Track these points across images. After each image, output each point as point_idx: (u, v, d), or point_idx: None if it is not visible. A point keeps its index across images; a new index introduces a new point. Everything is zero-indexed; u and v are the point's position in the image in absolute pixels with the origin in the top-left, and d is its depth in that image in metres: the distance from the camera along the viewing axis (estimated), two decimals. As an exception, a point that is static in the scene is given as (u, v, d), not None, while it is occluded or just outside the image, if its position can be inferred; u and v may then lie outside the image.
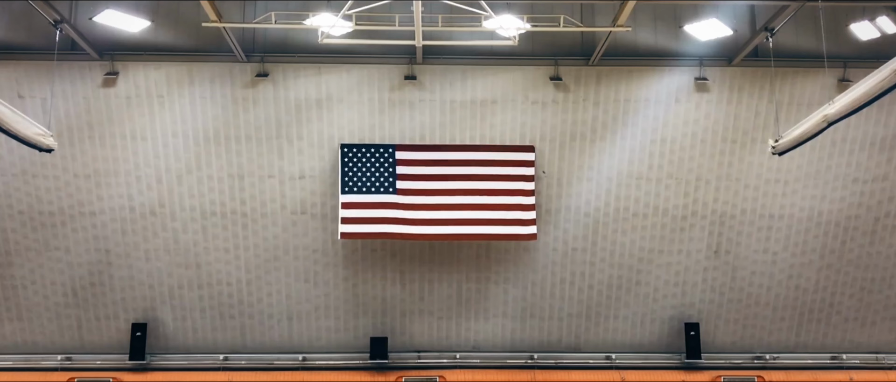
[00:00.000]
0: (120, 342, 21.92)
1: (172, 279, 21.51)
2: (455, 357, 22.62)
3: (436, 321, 22.40)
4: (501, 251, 21.64)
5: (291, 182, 20.76)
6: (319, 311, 22.04)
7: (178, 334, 22.09)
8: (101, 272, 21.34)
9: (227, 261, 21.41)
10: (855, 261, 21.86)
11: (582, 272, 21.88)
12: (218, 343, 22.23)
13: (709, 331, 22.50)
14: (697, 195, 21.15)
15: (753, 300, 22.22)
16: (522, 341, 22.68)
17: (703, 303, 22.27)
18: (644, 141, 20.63)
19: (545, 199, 21.10)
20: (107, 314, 21.80)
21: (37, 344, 21.97)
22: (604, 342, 22.67)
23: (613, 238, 21.52)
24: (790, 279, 22.02)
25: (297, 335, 22.27)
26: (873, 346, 22.89)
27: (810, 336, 22.71)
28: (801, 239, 21.61)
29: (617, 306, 22.25)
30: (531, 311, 22.29)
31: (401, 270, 21.78)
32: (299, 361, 22.35)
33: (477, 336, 22.63)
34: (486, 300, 22.17)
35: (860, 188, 21.13)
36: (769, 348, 22.80)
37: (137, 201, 20.72)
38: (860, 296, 22.27)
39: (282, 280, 21.64)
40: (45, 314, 21.67)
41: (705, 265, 21.83)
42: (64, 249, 21.05)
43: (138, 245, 21.12)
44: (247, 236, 21.17)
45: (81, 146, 20.15)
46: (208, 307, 21.83)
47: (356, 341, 22.39)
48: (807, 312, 22.42)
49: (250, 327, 22.09)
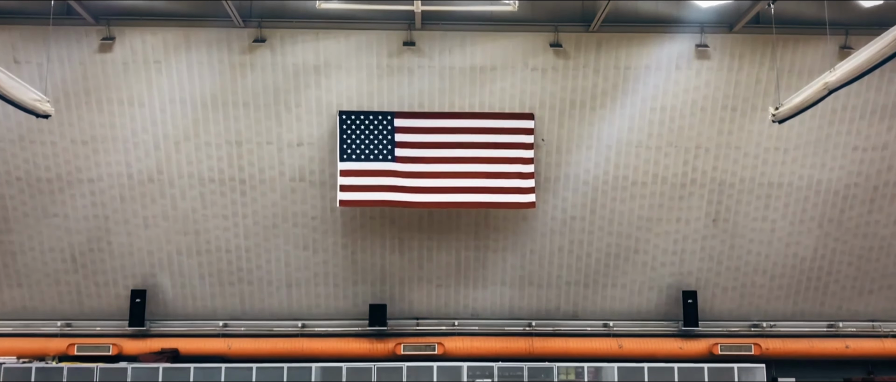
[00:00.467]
0: (119, 308, 22.00)
1: (171, 245, 21.54)
2: (453, 324, 22.73)
3: (434, 288, 22.47)
4: (500, 219, 21.65)
5: (290, 149, 20.70)
6: (318, 278, 22.09)
7: (178, 300, 22.16)
8: (99, 238, 21.35)
9: (226, 228, 21.41)
10: (853, 230, 21.89)
11: (580, 241, 21.90)
12: (217, 310, 22.32)
13: (706, 299, 22.59)
14: (697, 164, 21.11)
15: (751, 268, 22.28)
16: (520, 308, 22.78)
17: (700, 271, 22.32)
18: (644, 109, 20.55)
19: (544, 167, 21.07)
20: (106, 280, 21.85)
21: (36, 310, 22.04)
22: (601, 309, 22.76)
23: (612, 207, 21.52)
24: (788, 248, 22.06)
25: (296, 301, 22.35)
26: (870, 314, 23.00)
27: (807, 305, 22.80)
28: (799, 208, 21.61)
29: (615, 274, 22.31)
30: (529, 279, 22.36)
31: (400, 237, 21.80)
32: (298, 328, 22.45)
33: (475, 304, 22.72)
34: (484, 267, 22.21)
35: (860, 157, 21.10)
36: (766, 316, 22.91)
37: (135, 167, 20.68)
38: (858, 265, 22.32)
39: (281, 247, 21.66)
40: (45, 281, 21.72)
41: (704, 234, 21.85)
42: (62, 215, 21.04)
43: (137, 212, 21.11)
44: (245, 204, 21.16)
45: (78, 112, 20.06)
46: (207, 273, 21.87)
47: (355, 308, 22.48)
48: (804, 280, 22.49)
49: (249, 294, 22.16)
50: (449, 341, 22.25)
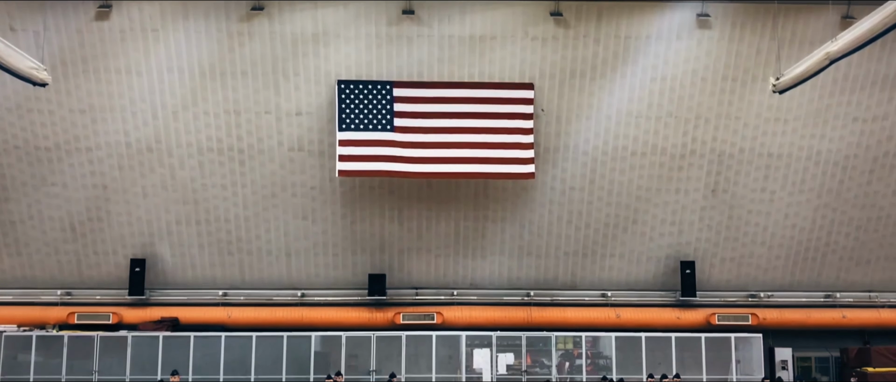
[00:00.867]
0: (119, 277, 22.05)
1: (170, 215, 21.53)
2: (452, 294, 22.81)
3: (433, 258, 22.51)
4: (499, 190, 21.64)
5: (288, 119, 20.63)
6: (318, 248, 22.12)
7: (177, 270, 22.20)
8: (98, 207, 21.33)
9: (225, 198, 21.39)
10: (852, 200, 21.90)
11: (579, 211, 21.91)
12: (217, 279, 22.37)
13: (704, 269, 22.66)
14: (696, 134, 21.06)
15: (750, 238, 22.32)
16: (519, 278, 22.84)
17: (699, 242, 22.37)
18: (644, 79, 20.46)
19: (544, 137, 21.01)
20: (105, 249, 21.87)
21: (36, 279, 22.09)
22: (599, 279, 22.83)
23: (611, 177, 21.50)
24: (787, 219, 22.09)
25: (295, 271, 22.39)
26: (867, 285, 23.08)
27: (805, 275, 22.88)
28: (799, 178, 21.60)
29: (613, 244, 22.35)
30: (528, 249, 22.40)
31: (399, 207, 21.80)
32: (298, 297, 22.53)
33: (474, 274, 22.78)
34: (483, 238, 22.24)
35: (860, 128, 21.05)
36: (764, 286, 23.00)
37: (133, 136, 20.61)
38: (856, 235, 22.36)
39: (280, 217, 21.66)
40: (44, 250, 21.74)
41: (702, 205, 21.86)
42: (61, 184, 21.01)
43: (135, 181, 21.08)
44: (244, 173, 21.13)
45: (76, 81, 19.95)
46: (207, 243, 21.90)
47: (354, 277, 22.54)
48: (802, 251, 22.54)
49: (249, 263, 22.20)
50: (448, 310, 22.34)
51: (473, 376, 21.45)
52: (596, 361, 21.83)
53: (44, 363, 20.72)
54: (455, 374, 21.41)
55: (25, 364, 20.65)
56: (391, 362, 20.96)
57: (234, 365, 20.85)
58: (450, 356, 21.52)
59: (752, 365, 21.59)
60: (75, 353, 20.75)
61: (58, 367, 20.64)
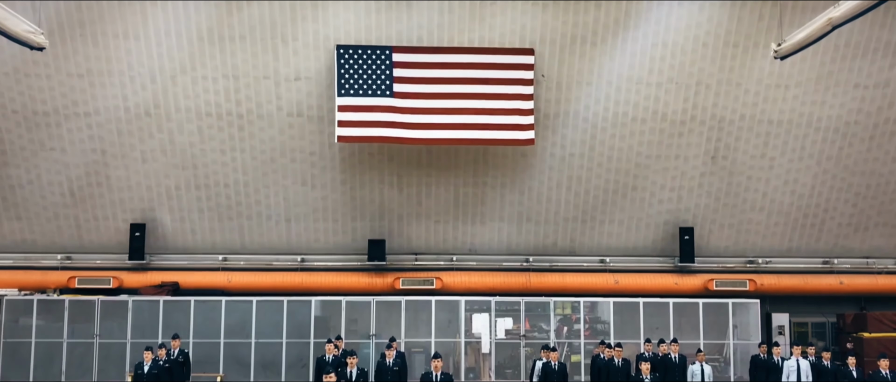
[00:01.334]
0: (119, 242, 22.12)
1: (170, 180, 21.53)
2: (452, 259, 22.90)
3: (433, 224, 22.57)
4: (499, 156, 21.63)
5: (287, 84, 20.54)
6: (317, 213, 22.16)
7: (177, 234, 22.26)
8: (97, 172, 21.33)
9: (224, 163, 21.38)
10: (851, 167, 21.91)
11: (579, 177, 21.92)
12: (217, 244, 22.44)
13: (703, 236, 22.74)
14: (697, 100, 21.00)
15: (748, 205, 22.37)
16: (518, 244, 22.92)
17: (698, 208, 22.42)
18: (645, 45, 20.34)
19: (544, 103, 20.95)
20: (105, 214, 21.91)
21: (36, 243, 22.16)
22: (598, 245, 22.92)
23: (611, 143, 21.48)
24: (786, 185, 22.12)
25: (295, 236, 22.46)
26: (865, 251, 23.19)
27: (803, 241, 22.97)
28: (798, 145, 21.59)
29: (612, 210, 22.40)
30: (527, 215, 22.45)
31: (398, 173, 21.80)
32: (298, 262, 22.62)
33: (473, 240, 22.86)
34: (482, 204, 22.28)
35: (861, 94, 20.99)
36: (762, 252, 23.10)
37: (132, 101, 20.54)
38: (855, 202, 22.41)
39: (279, 183, 21.68)
40: (44, 214, 21.78)
41: (702, 171, 21.87)
42: (59, 149, 20.98)
43: (134, 146, 21.05)
44: (243, 139, 21.09)
45: (73, 45, 19.82)
46: (206, 208, 21.93)
47: (354, 243, 22.61)
48: (801, 217, 22.60)
49: (249, 228, 22.26)
50: (447, 276, 22.45)
51: (472, 340, 21.64)
52: (594, 326, 22.01)
53: (45, 326, 20.87)
54: (454, 338, 21.59)
55: (27, 328, 20.80)
56: (391, 326, 21.12)
57: (234, 329, 21.01)
58: (449, 320, 21.69)
59: (749, 330, 21.77)
60: (76, 317, 20.89)
61: (59, 331, 20.80)
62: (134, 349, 20.41)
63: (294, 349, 21.11)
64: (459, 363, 21.34)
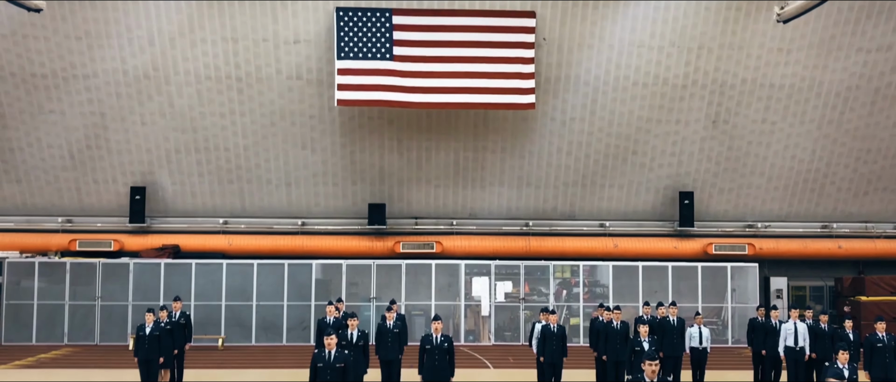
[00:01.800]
0: (119, 205, 22.15)
1: (169, 143, 21.49)
2: (452, 223, 22.95)
3: (433, 188, 22.58)
4: (499, 120, 21.56)
5: (286, 46, 20.40)
6: (317, 177, 22.16)
7: (177, 198, 22.28)
8: (97, 135, 21.28)
9: (224, 126, 21.32)
10: (852, 132, 21.86)
11: (579, 142, 21.88)
12: (217, 207, 22.47)
13: (703, 200, 22.76)
14: (698, 64, 20.89)
15: (748, 169, 22.36)
16: (518, 209, 22.96)
17: (698, 172, 22.41)
18: (647, 8, 20.17)
19: (545, 67, 20.84)
20: (105, 177, 21.91)
21: (37, 206, 22.19)
22: (598, 210, 22.96)
23: (612, 108, 21.40)
24: (786, 150, 22.09)
25: (295, 200, 22.48)
26: (864, 216, 23.24)
27: (803, 206, 23.00)
28: (799, 109, 21.52)
29: (613, 175, 22.40)
30: (527, 180, 22.45)
31: (398, 138, 21.75)
32: (298, 226, 22.67)
33: (473, 204, 22.89)
34: (483, 168, 22.26)
35: (863, 58, 20.87)
36: (761, 217, 23.14)
37: (130, 63, 20.42)
38: (855, 166, 22.40)
39: (279, 146, 21.64)
40: (44, 177, 21.77)
41: (703, 135, 21.82)
42: (59, 112, 20.91)
43: (133, 109, 20.98)
44: (243, 102, 21.00)
45: (71, 7, 19.64)
46: (206, 171, 21.92)
47: (354, 207, 22.65)
48: (801, 182, 22.61)
49: (249, 192, 22.27)
50: (447, 240, 22.51)
51: (472, 303, 21.77)
52: (593, 289, 22.14)
53: (47, 288, 20.99)
54: (454, 301, 21.72)
55: (29, 290, 20.92)
56: (391, 290, 21.24)
57: (235, 292, 21.14)
58: (449, 284, 21.81)
59: (747, 294, 21.91)
60: (78, 279, 21.00)
61: (61, 293, 20.91)
62: (135, 311, 20.55)
63: (295, 311, 21.26)
64: (459, 325, 21.49)
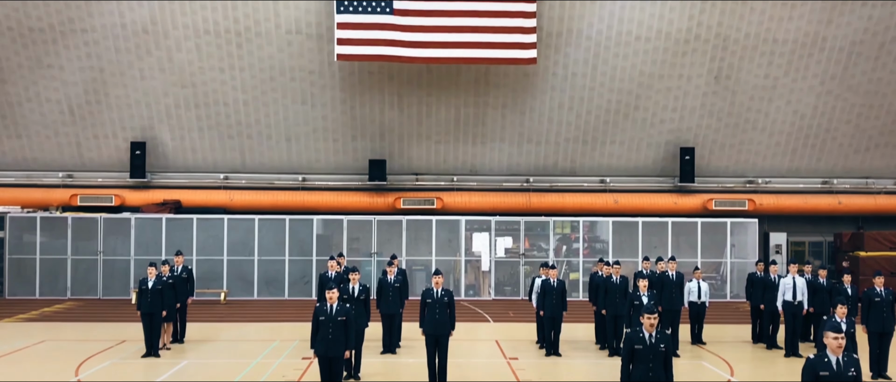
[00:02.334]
0: (120, 160, 22.13)
1: (169, 98, 21.39)
2: (452, 180, 22.95)
3: (433, 144, 22.53)
4: (500, 76, 21.43)
5: (285, 0, 20.17)
6: (318, 133, 22.10)
7: (178, 153, 22.25)
8: (96, 90, 21.17)
9: (223, 81, 21.20)
10: (855, 87, 21.73)
11: (581, 98, 21.77)
12: (217, 163, 22.46)
13: (703, 156, 22.73)
14: (701, 18, 20.68)
15: (750, 125, 22.29)
16: (519, 165, 22.94)
17: (699, 128, 22.34)
18: (650, -40, 19.94)
19: (546, 22, 20.63)
20: (105, 132, 21.85)
21: (37, 161, 22.17)
22: (599, 166, 22.94)
23: (614, 63, 21.25)
24: (788, 105, 21.98)
25: (296, 156, 22.45)
26: (864, 172, 23.21)
27: (804, 162, 22.97)
28: (802, 65, 21.37)
29: (614, 131, 22.32)
30: (528, 136, 22.39)
31: (399, 93, 21.64)
32: (299, 181, 22.68)
33: (474, 160, 22.86)
34: (483, 124, 22.19)
35: (868, 12, 20.65)
36: (762, 172, 23.13)
37: (128, 17, 20.23)
38: (857, 122, 22.32)
39: (279, 102, 21.54)
40: (43, 132, 21.72)
41: (705, 91, 21.70)
42: (57, 66, 20.77)
43: (132, 64, 20.84)
44: (242, 56, 20.85)
45: (67, -41, 19.42)
46: (206, 127, 21.86)
47: (355, 163, 22.63)
48: (802, 137, 22.55)
49: (249, 147, 22.23)
50: (448, 196, 22.53)
51: (472, 258, 21.88)
52: (593, 245, 22.22)
53: (49, 243, 21.08)
54: (454, 257, 21.83)
55: (31, 245, 21.01)
56: (392, 245, 21.32)
57: (237, 246, 21.24)
58: (449, 239, 21.89)
59: (746, 249, 21.99)
60: (80, 234, 21.08)
61: (63, 247, 21.01)
62: (137, 265, 20.67)
63: (296, 266, 21.38)
64: (460, 280, 21.63)
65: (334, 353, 9.02)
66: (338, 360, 9.07)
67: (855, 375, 6.16)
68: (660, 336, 7.04)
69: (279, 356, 12.73)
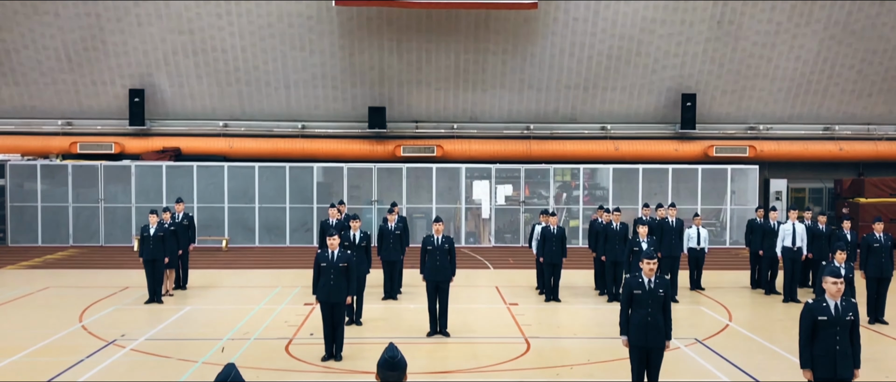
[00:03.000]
0: (118, 107, 22.03)
1: (166, 44, 21.19)
2: (452, 127, 22.87)
3: (433, 91, 22.40)
4: (501, 21, 21.18)
5: (283, -56, 19.90)
6: (317, 80, 21.95)
7: (176, 100, 22.14)
8: (93, 37, 20.96)
9: (221, 27, 20.98)
10: (859, 32, 21.50)
11: (582, 43, 21.56)
12: (216, 110, 22.35)
13: (705, 102, 22.61)
14: (705, -38, 20.39)
15: (752, 71, 22.12)
16: (519, 112, 22.84)
17: (701, 74, 22.18)
18: None
19: (547, -35, 20.37)
20: (103, 79, 21.71)
21: (36, 109, 22.07)
22: (600, 113, 22.84)
23: (616, 8, 20.99)
24: (791, 51, 21.79)
25: (295, 103, 22.34)
26: (866, 118, 23.12)
27: (806, 108, 22.86)
28: (806, 9, 21.11)
29: (615, 77, 22.17)
30: (529, 82, 22.24)
31: (398, 39, 21.42)
32: (298, 129, 22.61)
33: (474, 107, 22.75)
34: (484, 71, 22.02)
35: (875, -44, 20.36)
36: (763, 119, 23.05)
37: (124, -38, 19.96)
38: (860, 68, 22.15)
39: (277, 48, 21.34)
40: (41, 80, 21.58)
41: (707, 36, 21.48)
42: (53, 13, 20.52)
43: (129, 10, 20.59)
44: (240, 2, 20.58)
45: None
46: (205, 73, 21.70)
47: (354, 110, 22.52)
48: (805, 83, 22.40)
49: (248, 94, 22.10)
50: (448, 143, 22.48)
51: (473, 206, 21.93)
52: (593, 192, 22.25)
53: (50, 191, 21.11)
54: (455, 204, 21.88)
55: (32, 192, 21.04)
56: (392, 193, 21.35)
57: (237, 194, 21.27)
58: (450, 187, 21.90)
59: (746, 196, 22.02)
60: (80, 182, 21.09)
61: (64, 195, 21.04)
62: (139, 213, 20.73)
63: (297, 213, 21.44)
64: (460, 228, 21.70)
65: (336, 299, 9.09)
66: (339, 306, 9.15)
67: (852, 319, 6.21)
68: (659, 281, 7.08)
69: (281, 302, 12.84)
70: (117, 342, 9.95)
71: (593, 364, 8.99)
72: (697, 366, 9.01)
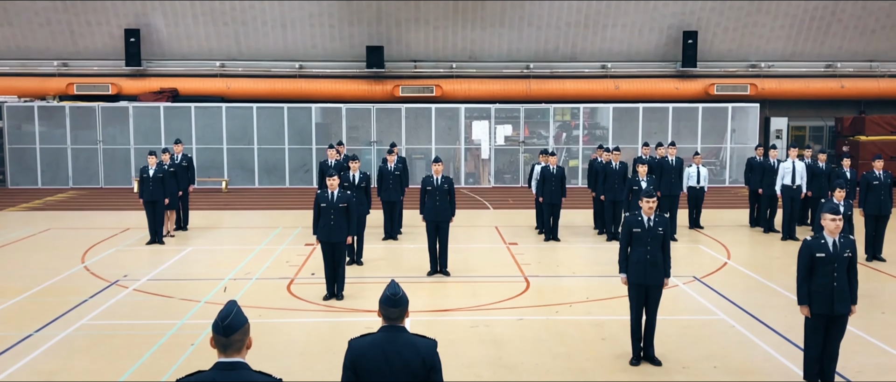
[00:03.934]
0: (114, 47, 21.79)
1: (161, -17, 20.90)
2: (451, 66, 22.67)
3: (432, 30, 22.13)
4: (500, -44, 20.85)
5: None
6: (313, 18, 21.67)
7: (173, 40, 21.89)
8: (85, -25, 20.65)
9: (216, -35, 20.65)
10: (864, -32, 21.20)
11: (582, -21, 21.25)
12: (213, 50, 22.13)
13: (706, 40, 22.38)
14: None
15: (754, 7, 21.82)
16: (519, 51, 22.61)
17: (703, 10, 21.89)
18: None
19: None
20: (98, 19, 21.42)
21: (31, 50, 21.84)
22: (600, 51, 22.62)
23: (617, -58, 20.64)
24: (795, -13, 21.50)
25: (292, 42, 22.10)
26: (869, 55, 22.91)
27: (808, 45, 22.63)
28: (812, -56, 20.77)
29: (616, 14, 21.89)
30: (529, 20, 21.96)
31: (396, -25, 21.12)
32: (296, 69, 22.41)
33: (473, 46, 22.51)
34: (483, 9, 21.72)
35: None
36: (765, 56, 22.83)
37: None
38: (863, 3, 21.84)
39: (273, -14, 21.04)
40: (36, 19, 21.30)
41: (710, -28, 21.16)
42: (44, -49, 20.19)
43: (121, -53, 20.25)
44: (234, -61, 20.24)
45: None
46: (200, 12, 21.41)
47: (352, 50, 22.29)
48: (807, 19, 22.13)
49: (245, 34, 21.85)
50: (447, 83, 22.31)
51: (472, 146, 21.87)
52: (593, 131, 22.17)
53: (48, 132, 21.03)
54: (454, 145, 21.82)
55: (30, 134, 20.96)
56: (391, 133, 21.27)
57: (236, 135, 21.20)
58: (449, 127, 21.82)
59: (747, 134, 21.95)
60: (78, 123, 21.00)
61: (62, 136, 20.97)
62: (137, 154, 20.69)
63: (296, 154, 21.40)
64: (459, 168, 21.69)
65: (336, 239, 9.12)
66: (340, 246, 9.18)
67: (850, 256, 6.23)
68: (658, 219, 7.08)
69: (282, 242, 12.90)
70: (120, 282, 10.02)
71: (592, 302, 9.08)
72: (696, 303, 9.09)
